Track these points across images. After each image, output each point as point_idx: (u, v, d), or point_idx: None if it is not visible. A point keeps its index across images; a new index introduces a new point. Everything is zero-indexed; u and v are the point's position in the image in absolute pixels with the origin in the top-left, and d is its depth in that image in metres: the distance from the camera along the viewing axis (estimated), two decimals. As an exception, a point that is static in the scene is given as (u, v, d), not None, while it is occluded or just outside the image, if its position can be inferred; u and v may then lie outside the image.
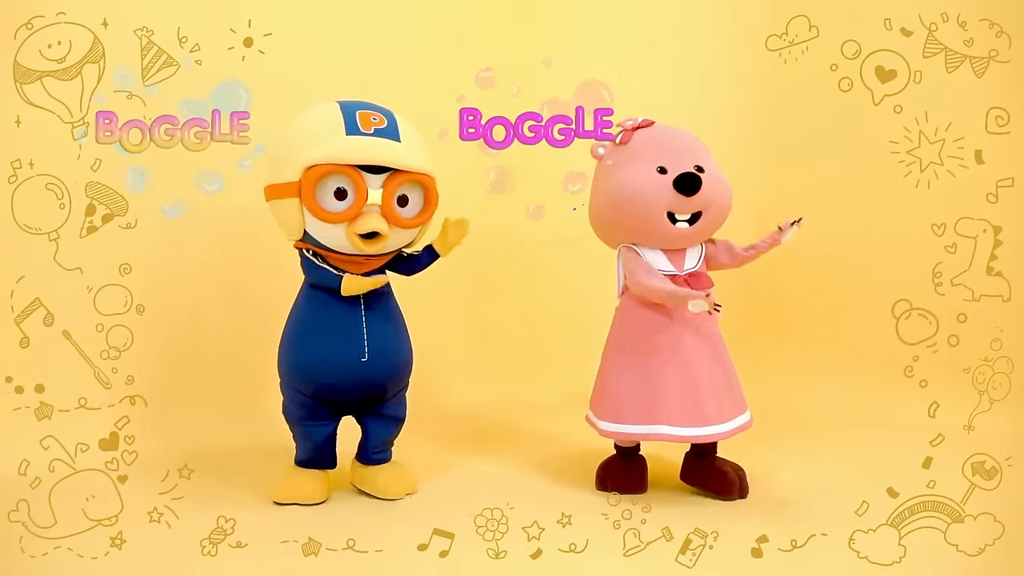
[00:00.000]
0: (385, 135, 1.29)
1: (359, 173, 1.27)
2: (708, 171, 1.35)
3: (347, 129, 1.28)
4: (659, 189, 1.32)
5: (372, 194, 1.28)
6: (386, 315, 1.37)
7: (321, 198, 1.28)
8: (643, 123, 1.40)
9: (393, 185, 1.29)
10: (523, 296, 2.19)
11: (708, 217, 1.35)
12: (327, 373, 1.33)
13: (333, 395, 1.35)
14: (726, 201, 1.37)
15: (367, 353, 1.32)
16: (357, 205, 1.27)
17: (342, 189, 1.28)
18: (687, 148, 1.37)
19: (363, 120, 1.29)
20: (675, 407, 1.34)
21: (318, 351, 1.33)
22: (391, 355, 1.36)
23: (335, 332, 1.33)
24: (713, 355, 1.37)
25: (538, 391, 2.06)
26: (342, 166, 1.26)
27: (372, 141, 1.27)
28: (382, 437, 1.41)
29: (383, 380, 1.36)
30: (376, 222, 1.28)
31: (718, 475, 1.37)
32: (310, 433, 1.37)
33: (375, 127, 1.29)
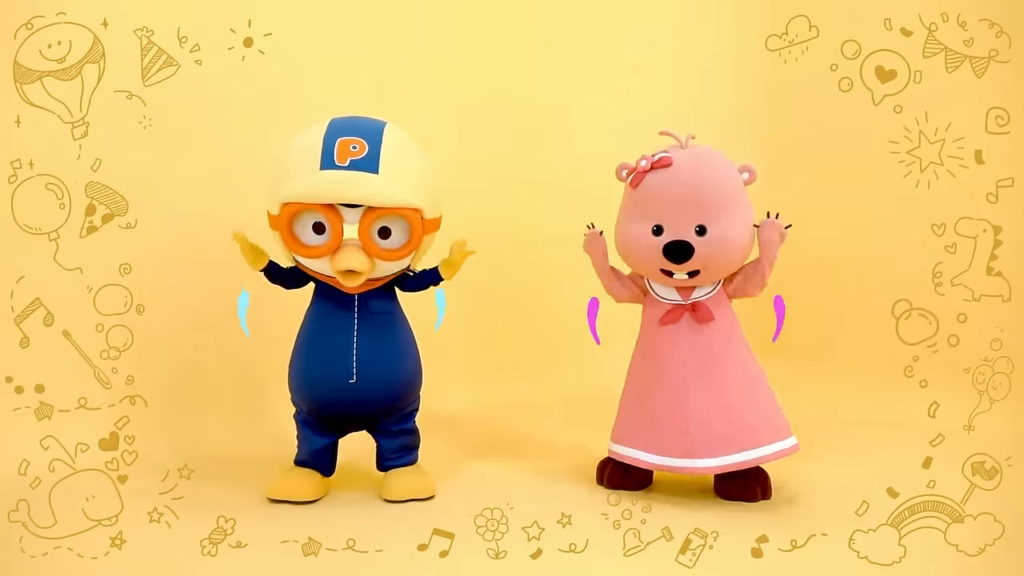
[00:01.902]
0: (362, 166, 1.22)
1: (334, 209, 1.24)
2: (712, 232, 1.26)
3: (322, 162, 1.22)
4: (651, 251, 1.29)
5: (348, 229, 1.25)
6: (383, 336, 1.34)
7: (300, 232, 1.27)
8: (658, 163, 1.28)
9: (370, 219, 1.25)
10: (527, 298, 2.19)
11: (708, 273, 1.31)
12: (316, 393, 1.33)
13: (326, 414, 1.35)
14: (730, 258, 1.30)
15: (355, 374, 1.31)
16: (334, 241, 1.25)
17: (319, 223, 1.26)
18: (694, 204, 1.26)
19: (340, 150, 1.22)
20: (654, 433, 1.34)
21: (307, 370, 1.33)
22: (384, 377, 1.33)
23: (325, 351, 1.32)
24: (710, 383, 1.32)
25: (538, 393, 2.06)
26: (312, 204, 1.24)
27: (345, 177, 1.22)
28: (393, 447, 1.39)
29: (376, 402, 1.34)
30: (353, 258, 1.25)
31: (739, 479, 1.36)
32: (309, 439, 1.37)
33: (351, 158, 1.22)
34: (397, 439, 1.39)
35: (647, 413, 1.36)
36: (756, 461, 1.32)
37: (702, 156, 1.29)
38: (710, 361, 1.33)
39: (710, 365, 1.33)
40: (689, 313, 1.34)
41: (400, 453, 1.39)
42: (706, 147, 1.32)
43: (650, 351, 1.38)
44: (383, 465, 1.40)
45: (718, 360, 1.33)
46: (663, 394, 1.34)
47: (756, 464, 1.32)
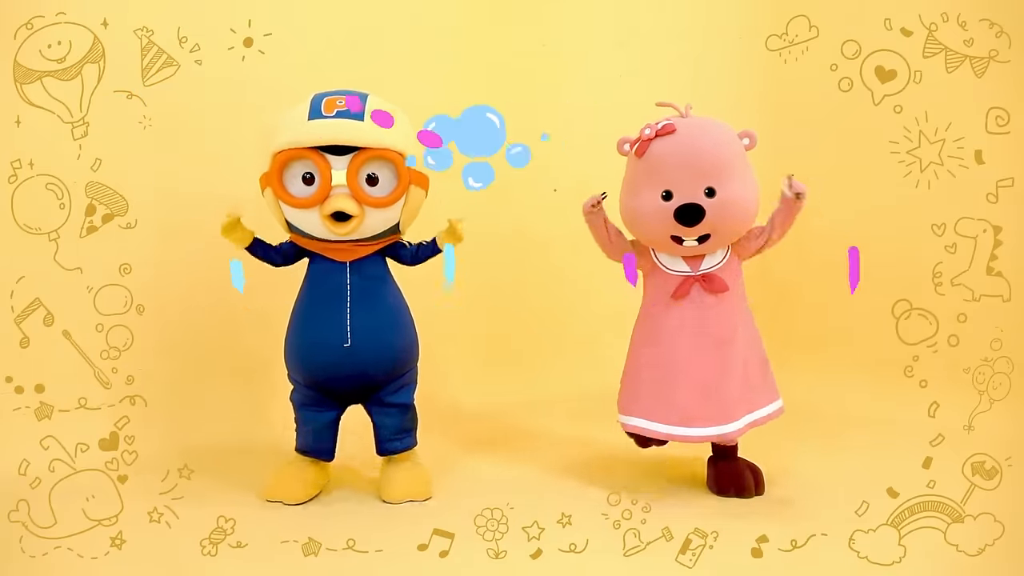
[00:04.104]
0: (347, 116, 1.29)
1: (321, 155, 1.28)
2: (722, 193, 1.29)
3: (310, 115, 1.29)
4: (662, 217, 1.31)
5: (336, 175, 1.28)
6: (376, 302, 1.36)
7: (289, 184, 1.31)
8: (663, 130, 1.31)
9: (357, 164, 1.29)
10: (528, 296, 2.19)
11: (719, 237, 1.33)
12: (311, 359, 1.34)
13: (323, 382, 1.35)
14: (740, 220, 1.32)
15: (349, 338, 1.32)
16: (323, 188, 1.29)
17: (309, 174, 1.30)
18: (702, 166, 1.29)
19: (327, 105, 1.30)
20: (651, 401, 1.36)
21: (302, 337, 1.35)
22: (378, 341, 1.35)
23: (318, 317, 1.34)
24: (716, 357, 1.34)
25: (539, 390, 2.06)
26: (303, 149, 1.28)
27: (332, 123, 1.28)
28: (391, 427, 1.40)
29: (370, 367, 1.35)
30: (343, 202, 1.28)
31: (734, 473, 1.37)
32: (308, 419, 1.38)
33: (338, 109, 1.29)
34: (395, 416, 1.39)
35: (657, 383, 1.36)
36: (761, 421, 1.37)
37: (704, 122, 1.34)
38: (722, 331, 1.35)
39: (722, 335, 1.35)
40: (701, 284, 1.35)
41: (399, 435, 1.40)
42: (705, 116, 1.36)
43: (659, 323, 1.38)
44: (382, 447, 1.40)
45: (731, 330, 1.35)
46: (675, 363, 1.35)
47: (761, 423, 1.37)
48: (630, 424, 1.38)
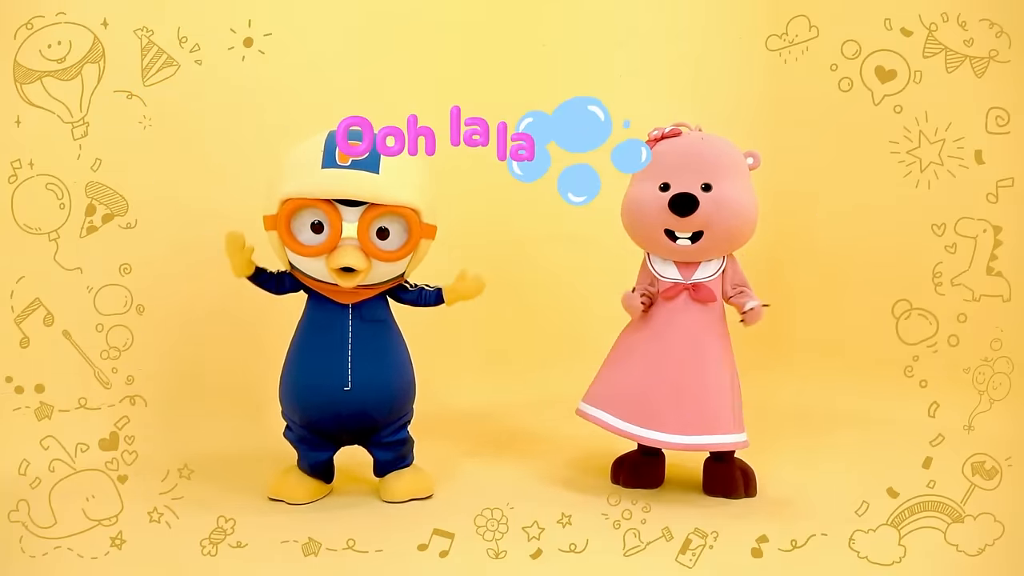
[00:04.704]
0: (363, 166, 1.23)
1: (333, 206, 1.24)
2: (718, 190, 1.33)
3: (324, 161, 1.24)
4: (657, 207, 1.34)
5: (347, 227, 1.25)
6: (377, 345, 1.34)
7: (298, 231, 1.27)
8: (669, 133, 1.39)
9: (369, 218, 1.25)
10: (528, 298, 2.19)
11: (712, 236, 1.34)
12: (309, 401, 1.32)
13: (320, 424, 1.33)
14: (734, 222, 1.34)
15: (350, 381, 1.30)
16: (332, 239, 1.25)
17: (318, 222, 1.26)
18: (700, 164, 1.35)
19: (341, 155, 1.24)
20: (624, 400, 1.38)
21: (301, 378, 1.33)
22: (378, 386, 1.33)
23: (319, 358, 1.32)
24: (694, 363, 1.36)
25: (539, 391, 2.06)
26: (314, 200, 1.24)
27: (346, 174, 1.23)
28: (390, 459, 1.39)
29: (370, 411, 1.33)
30: (351, 257, 1.25)
31: (724, 475, 1.38)
32: (305, 455, 1.37)
33: (353, 159, 1.23)
34: (391, 451, 1.38)
35: (624, 380, 1.39)
36: (714, 447, 1.36)
37: (708, 136, 1.40)
38: (698, 343, 1.37)
39: (697, 346, 1.37)
40: (690, 293, 1.37)
41: (396, 462, 1.39)
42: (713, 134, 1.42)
43: (644, 324, 1.41)
44: (382, 473, 1.40)
45: (706, 343, 1.37)
46: (646, 365, 1.38)
47: (714, 449, 1.36)
48: (590, 414, 1.42)
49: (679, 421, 1.34)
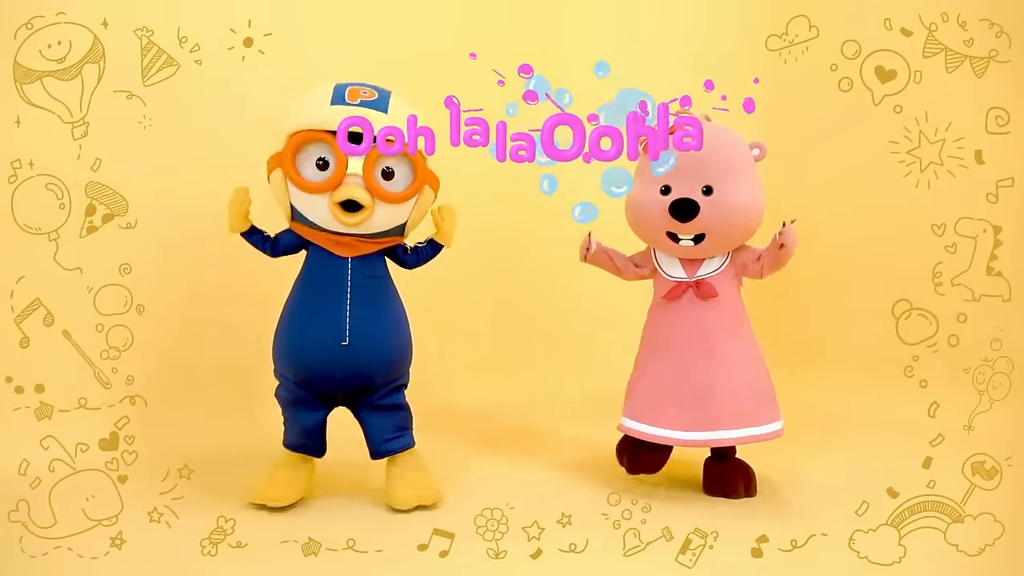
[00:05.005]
0: (372, 106, 1.26)
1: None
2: (719, 193, 1.32)
3: (333, 100, 1.27)
4: (658, 211, 1.34)
5: (353, 163, 1.25)
6: (376, 301, 1.33)
7: (302, 167, 1.27)
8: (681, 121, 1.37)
9: (376, 155, 1.25)
10: (529, 296, 2.19)
11: (714, 238, 1.34)
12: (306, 357, 1.30)
13: (316, 382, 1.31)
14: (736, 223, 1.34)
15: (348, 337, 1.29)
16: (337, 174, 1.25)
17: (323, 159, 1.27)
18: (701, 166, 1.32)
19: (351, 93, 1.28)
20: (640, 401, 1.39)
21: (299, 333, 1.31)
22: (376, 342, 1.31)
23: (317, 313, 1.30)
24: (711, 361, 1.35)
25: (540, 390, 2.06)
26: (321, 132, 1.25)
27: (355, 110, 1.25)
28: (386, 426, 1.35)
29: (368, 368, 1.31)
30: (355, 191, 1.25)
31: (724, 475, 1.38)
32: (297, 418, 1.35)
33: (362, 99, 1.27)
34: (389, 416, 1.35)
35: (651, 387, 1.38)
36: (745, 440, 1.35)
37: (712, 128, 1.36)
38: (712, 339, 1.36)
39: (712, 343, 1.36)
40: (693, 290, 1.36)
41: (396, 435, 1.36)
42: (719, 124, 1.39)
43: (656, 327, 1.41)
44: (379, 450, 1.36)
45: (720, 339, 1.36)
46: (666, 369, 1.37)
47: (746, 441, 1.36)
48: (626, 426, 1.41)
49: (708, 419, 1.34)
